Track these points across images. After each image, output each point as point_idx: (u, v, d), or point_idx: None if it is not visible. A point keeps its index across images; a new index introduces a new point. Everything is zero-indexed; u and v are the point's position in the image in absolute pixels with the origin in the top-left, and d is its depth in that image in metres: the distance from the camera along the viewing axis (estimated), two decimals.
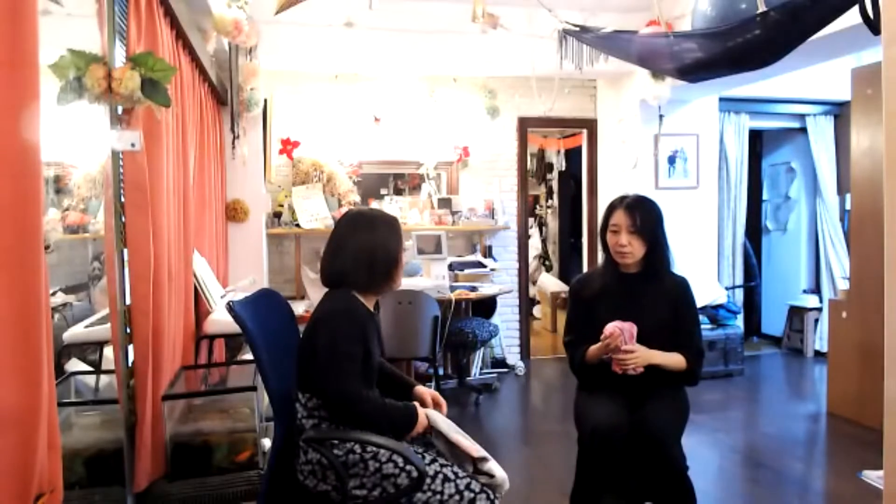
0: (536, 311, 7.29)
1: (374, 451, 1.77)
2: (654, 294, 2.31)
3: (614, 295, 2.34)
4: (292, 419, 1.88)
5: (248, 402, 2.37)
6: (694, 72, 3.07)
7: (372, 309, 1.95)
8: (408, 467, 1.75)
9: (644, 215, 2.27)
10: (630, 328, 2.19)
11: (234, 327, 1.83)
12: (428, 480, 1.75)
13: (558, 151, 7.41)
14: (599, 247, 2.49)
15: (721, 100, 5.36)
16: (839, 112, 5.65)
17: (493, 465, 1.84)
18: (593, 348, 2.29)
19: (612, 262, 2.36)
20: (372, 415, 1.78)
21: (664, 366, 2.24)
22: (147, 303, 2.12)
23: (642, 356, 2.20)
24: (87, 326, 2.72)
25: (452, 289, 4.65)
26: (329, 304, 1.87)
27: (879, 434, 1.63)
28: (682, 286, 2.36)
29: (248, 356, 2.84)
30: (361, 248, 1.87)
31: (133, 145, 1.93)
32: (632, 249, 2.26)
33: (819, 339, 5.66)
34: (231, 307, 1.79)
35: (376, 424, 1.79)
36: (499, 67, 4.93)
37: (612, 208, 2.34)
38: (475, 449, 1.86)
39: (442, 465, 1.80)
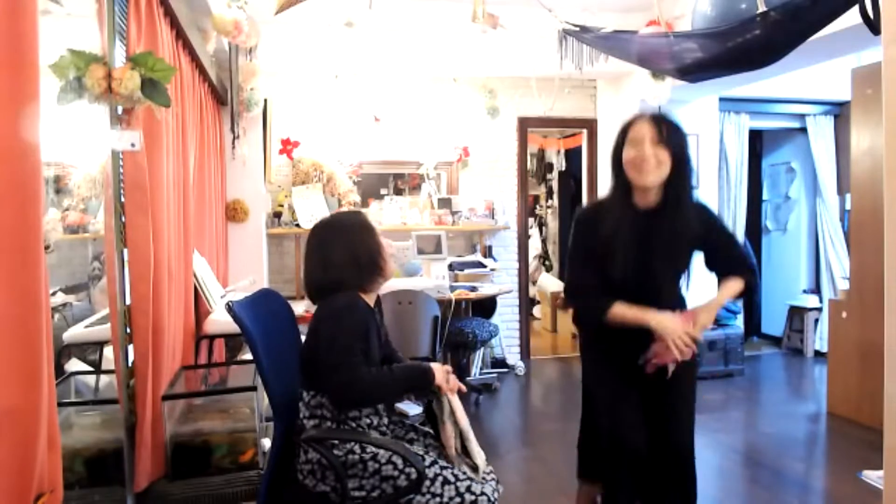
0: (536, 311, 7.29)
1: (374, 452, 1.77)
2: (677, 229, 2.00)
3: (628, 234, 2.00)
4: (292, 419, 1.88)
5: (248, 402, 2.38)
6: (694, 72, 3.07)
7: (373, 306, 1.95)
8: (407, 469, 1.75)
9: (671, 127, 1.97)
10: (686, 320, 1.96)
11: (233, 327, 1.83)
12: (427, 483, 1.75)
13: (558, 151, 7.41)
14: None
15: (721, 100, 5.37)
16: (839, 112, 5.65)
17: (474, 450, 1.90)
18: (626, 312, 1.98)
19: (624, 194, 2.03)
20: (379, 385, 1.80)
21: (730, 298, 2.04)
22: (147, 303, 2.12)
23: (704, 320, 1.96)
24: (87, 326, 2.73)
25: (452, 289, 4.65)
26: (332, 301, 1.87)
27: (879, 434, 1.63)
28: (706, 211, 2.10)
29: (248, 356, 2.84)
30: (344, 255, 1.88)
31: (133, 145, 1.93)
32: (656, 163, 1.93)
33: (819, 339, 5.65)
34: (230, 307, 1.79)
35: (390, 392, 1.88)
36: (499, 67, 4.93)
37: (629, 123, 2.00)
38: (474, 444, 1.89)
39: (442, 468, 1.80)
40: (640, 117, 1.98)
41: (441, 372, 1.90)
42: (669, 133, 1.94)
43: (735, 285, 2.03)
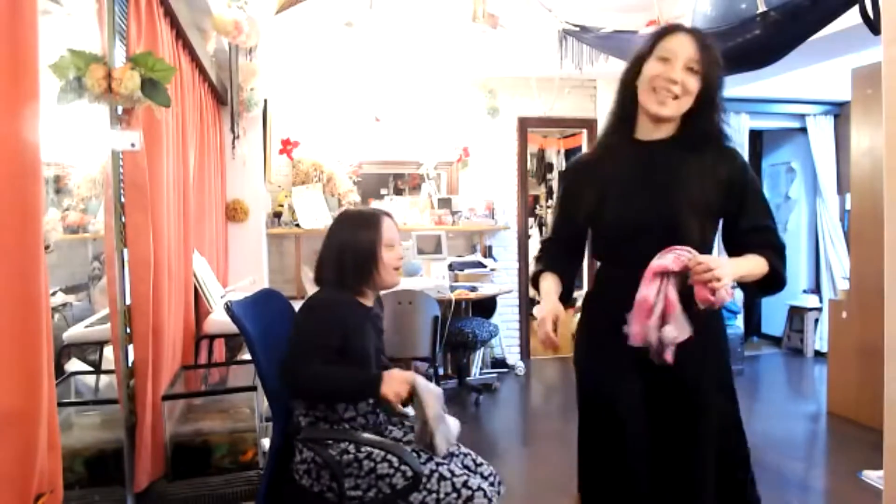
0: (536, 311, 7.27)
1: (369, 451, 1.77)
2: (695, 165, 1.55)
3: (630, 166, 1.58)
4: (290, 419, 1.88)
5: (248, 402, 2.38)
6: None
7: (370, 304, 1.95)
8: (402, 467, 1.74)
9: (714, 56, 1.53)
10: (676, 260, 1.40)
11: (234, 327, 1.84)
12: (423, 479, 1.75)
13: (558, 151, 7.41)
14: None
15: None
16: (839, 112, 5.65)
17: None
18: (542, 286, 1.67)
19: (622, 122, 1.63)
20: (318, 382, 1.73)
21: (751, 276, 1.52)
22: (147, 303, 2.12)
23: (728, 270, 1.38)
24: (87, 326, 2.73)
25: (452, 289, 4.65)
26: (315, 294, 1.90)
27: (879, 434, 1.63)
28: (738, 158, 1.59)
29: (248, 356, 2.85)
30: (332, 248, 1.90)
31: (133, 145, 1.93)
32: (682, 91, 1.52)
33: (819, 339, 5.65)
34: (228, 307, 1.79)
35: (328, 392, 1.77)
36: (499, 67, 4.93)
37: (663, 33, 1.56)
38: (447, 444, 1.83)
39: (438, 464, 1.80)
40: (679, 29, 1.55)
41: (395, 382, 1.71)
42: (710, 62, 1.52)
43: (760, 265, 1.52)
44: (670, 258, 1.39)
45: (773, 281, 1.55)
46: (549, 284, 1.67)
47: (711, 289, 1.34)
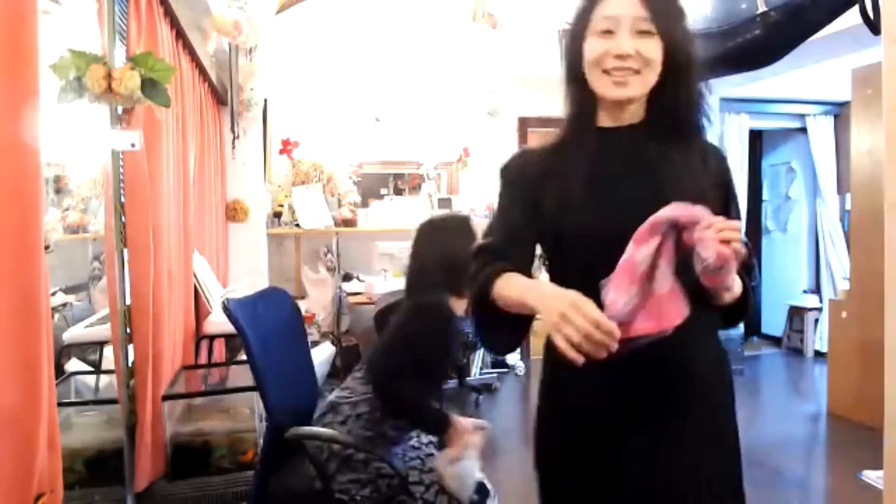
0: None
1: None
2: (680, 154, 1.18)
3: (599, 162, 1.19)
4: (286, 419, 1.87)
5: (248, 402, 2.38)
6: None
7: (460, 314, 1.96)
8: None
9: (669, 2, 1.18)
10: (685, 209, 0.99)
11: (233, 327, 1.83)
12: (422, 489, 1.75)
13: None
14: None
15: (721, 100, 5.36)
16: (839, 112, 5.65)
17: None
18: (510, 284, 1.19)
19: (581, 110, 1.26)
20: (406, 400, 1.81)
21: (732, 295, 1.11)
22: (147, 303, 2.12)
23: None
24: (87, 326, 2.74)
25: None
26: (425, 307, 1.91)
27: (879, 434, 1.63)
28: (724, 155, 1.28)
29: None
30: (433, 256, 1.92)
31: (133, 145, 1.93)
32: (641, 65, 1.14)
33: (819, 339, 5.65)
34: (225, 306, 1.79)
35: (402, 410, 1.85)
36: (499, 67, 4.93)
37: None
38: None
39: (430, 470, 1.81)
40: None
41: (460, 434, 1.82)
42: (666, 14, 1.15)
43: (737, 281, 1.11)
44: (670, 209, 0.99)
45: (743, 308, 1.18)
46: (522, 278, 1.21)
47: (732, 249, 0.97)
